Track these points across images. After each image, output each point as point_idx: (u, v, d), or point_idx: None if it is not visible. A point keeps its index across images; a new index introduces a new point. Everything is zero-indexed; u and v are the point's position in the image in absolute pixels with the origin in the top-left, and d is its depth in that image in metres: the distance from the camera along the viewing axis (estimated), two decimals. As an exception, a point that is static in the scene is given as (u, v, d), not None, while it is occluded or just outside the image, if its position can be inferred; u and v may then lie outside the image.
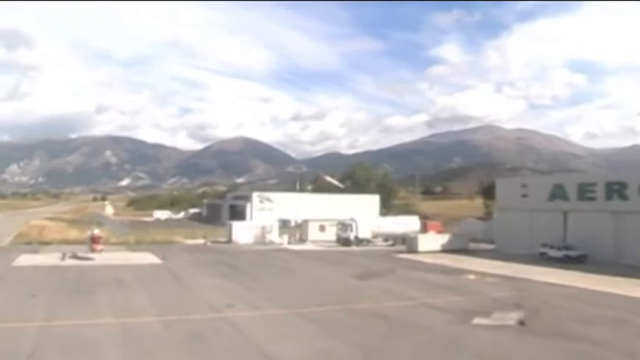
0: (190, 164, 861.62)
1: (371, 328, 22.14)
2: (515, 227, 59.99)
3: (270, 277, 38.20)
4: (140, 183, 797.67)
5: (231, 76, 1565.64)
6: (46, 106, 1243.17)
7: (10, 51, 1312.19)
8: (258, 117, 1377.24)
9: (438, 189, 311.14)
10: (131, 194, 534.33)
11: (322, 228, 73.93)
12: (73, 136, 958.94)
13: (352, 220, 70.20)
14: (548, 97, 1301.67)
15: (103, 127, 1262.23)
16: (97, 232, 48.42)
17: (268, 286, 33.83)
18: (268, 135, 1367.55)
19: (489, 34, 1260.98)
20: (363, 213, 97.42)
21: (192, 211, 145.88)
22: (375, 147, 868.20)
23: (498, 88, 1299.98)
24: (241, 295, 29.52)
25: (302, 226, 75.56)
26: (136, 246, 58.30)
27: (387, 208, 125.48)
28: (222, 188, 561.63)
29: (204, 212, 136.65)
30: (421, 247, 58.02)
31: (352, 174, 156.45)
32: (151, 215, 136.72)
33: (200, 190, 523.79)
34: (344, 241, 67.17)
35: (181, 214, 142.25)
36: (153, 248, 56.13)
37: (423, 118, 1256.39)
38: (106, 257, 45.64)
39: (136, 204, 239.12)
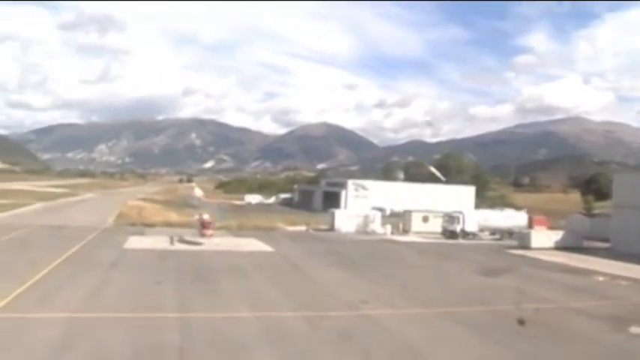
0: (273, 148, 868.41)
1: (527, 333, 20.45)
2: (636, 226, 56.53)
3: (391, 271, 36.65)
4: (224, 166, 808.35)
5: (316, 62, 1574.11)
6: (135, 88, 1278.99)
7: (102, 35, 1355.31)
8: (342, 103, 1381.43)
9: (526, 180, 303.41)
10: (216, 176, 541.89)
11: (425, 219, 71.89)
12: (160, 118, 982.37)
13: (459, 212, 68.08)
14: (638, 90, 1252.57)
15: (189, 109, 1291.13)
16: (206, 216, 48.06)
17: (393, 280, 32.29)
18: (351, 121, 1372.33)
19: (579, 23, 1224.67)
20: (458, 204, 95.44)
21: (283, 196, 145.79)
22: (458, 136, 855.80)
23: (587, 79, 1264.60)
24: (370, 290, 28.08)
25: (404, 216, 73.62)
26: (238, 231, 57.69)
27: (480, 200, 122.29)
28: (305, 173, 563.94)
29: (296, 198, 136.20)
30: (534, 244, 55.56)
31: (444, 164, 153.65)
32: (241, 199, 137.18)
33: (283, 175, 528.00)
34: (450, 234, 65.10)
35: (272, 199, 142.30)
36: (256, 234, 55.34)
37: (508, 108, 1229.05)
38: (214, 242, 45.01)
39: (224, 187, 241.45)
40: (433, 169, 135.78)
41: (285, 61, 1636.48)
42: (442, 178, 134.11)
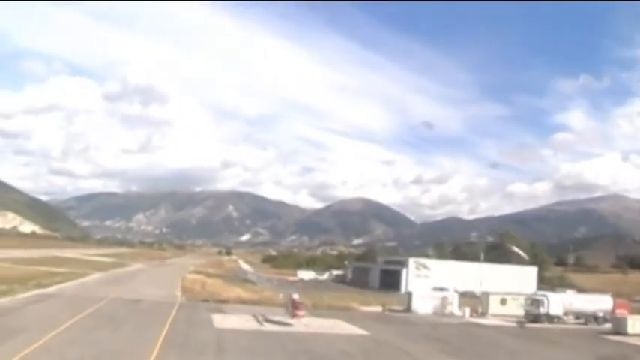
0: (310, 223, 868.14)
1: None
2: None
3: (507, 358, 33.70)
4: (260, 239, 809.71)
5: (354, 138, 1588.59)
6: (174, 159, 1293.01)
7: (145, 106, 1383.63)
8: (379, 179, 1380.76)
9: (570, 259, 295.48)
10: (252, 249, 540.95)
11: (503, 301, 68.59)
12: (198, 189, 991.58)
13: (543, 294, 64.65)
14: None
15: (227, 182, 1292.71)
16: (296, 296, 45.21)
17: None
18: (389, 197, 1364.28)
19: (617, 100, 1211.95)
20: (520, 285, 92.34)
21: (336, 272, 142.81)
22: (496, 213, 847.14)
23: (625, 157, 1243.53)
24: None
25: (482, 298, 70.37)
26: (315, 310, 54.68)
27: (539, 281, 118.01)
28: (342, 248, 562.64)
29: (350, 275, 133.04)
30: (630, 329, 52.16)
31: (499, 242, 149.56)
32: (292, 274, 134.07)
33: (320, 249, 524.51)
34: (534, 317, 61.58)
35: (326, 275, 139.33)
36: (335, 314, 52.54)
37: (546, 185, 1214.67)
38: (303, 323, 42.20)
39: (271, 261, 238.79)
40: (516, 249, 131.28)
41: (323, 136, 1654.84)
42: (525, 256, 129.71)
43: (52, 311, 38.18)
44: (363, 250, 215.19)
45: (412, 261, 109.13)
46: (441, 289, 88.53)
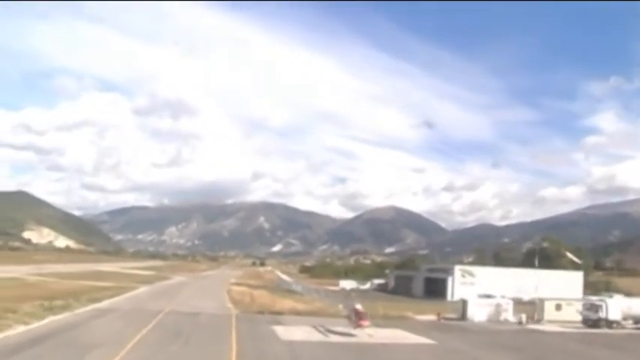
0: (342, 232, 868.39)
1: None
2: None
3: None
4: (292, 249, 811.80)
5: (383, 147, 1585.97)
6: (205, 172, 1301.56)
7: (174, 120, 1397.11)
8: (409, 187, 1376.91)
9: (607, 263, 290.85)
10: (285, 260, 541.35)
11: (558, 307, 67.58)
12: (229, 201, 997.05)
13: (602, 300, 63.31)
14: None
15: (258, 193, 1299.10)
16: (358, 306, 44.17)
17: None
18: (419, 205, 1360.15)
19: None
20: (566, 290, 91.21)
21: (377, 282, 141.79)
22: (528, 219, 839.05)
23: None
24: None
25: (537, 304, 69.22)
26: (372, 320, 53.52)
27: (584, 286, 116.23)
28: (374, 257, 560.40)
29: (391, 283, 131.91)
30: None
31: (541, 248, 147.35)
32: (333, 284, 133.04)
33: (352, 259, 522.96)
34: (593, 323, 60.24)
35: (368, 285, 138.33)
36: (393, 324, 51.30)
37: (578, 189, 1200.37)
38: (367, 334, 40.89)
39: (309, 271, 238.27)
40: (570, 255, 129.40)
41: (352, 145, 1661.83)
42: (579, 261, 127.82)
43: (116, 326, 37.50)
44: (401, 259, 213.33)
45: (458, 269, 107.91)
46: (488, 296, 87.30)
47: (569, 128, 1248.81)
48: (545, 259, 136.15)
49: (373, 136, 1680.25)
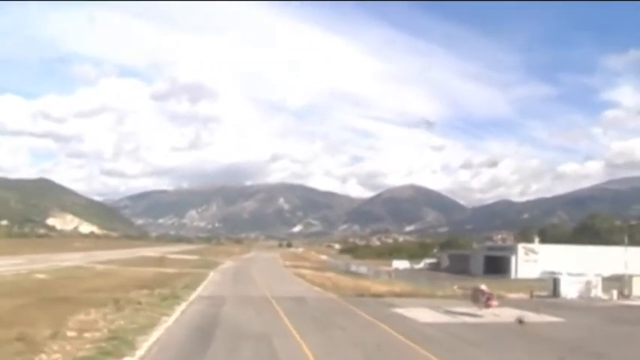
0: (361, 212, 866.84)
1: None
2: None
3: None
4: (312, 230, 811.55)
5: (401, 125, 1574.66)
6: (224, 154, 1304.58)
7: (192, 104, 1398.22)
8: (428, 165, 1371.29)
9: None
10: (304, 241, 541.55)
11: (647, 282, 66.84)
12: (248, 183, 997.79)
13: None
14: None
15: (277, 174, 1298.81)
16: (483, 287, 43.87)
17: None
18: (438, 183, 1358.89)
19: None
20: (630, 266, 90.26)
21: (428, 261, 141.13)
22: (548, 194, 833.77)
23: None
24: None
25: (624, 280, 68.32)
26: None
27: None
28: (396, 236, 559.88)
29: (445, 263, 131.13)
30: None
31: (589, 224, 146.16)
32: (383, 265, 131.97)
33: (375, 237, 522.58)
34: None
35: (421, 264, 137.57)
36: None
37: (598, 164, 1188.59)
38: (493, 313, 40.89)
39: (351, 252, 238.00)
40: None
41: (370, 124, 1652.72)
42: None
43: (252, 314, 37.26)
44: (446, 238, 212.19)
45: (521, 246, 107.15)
46: (552, 273, 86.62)
47: (588, 103, 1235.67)
48: (595, 235, 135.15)
49: (391, 115, 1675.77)
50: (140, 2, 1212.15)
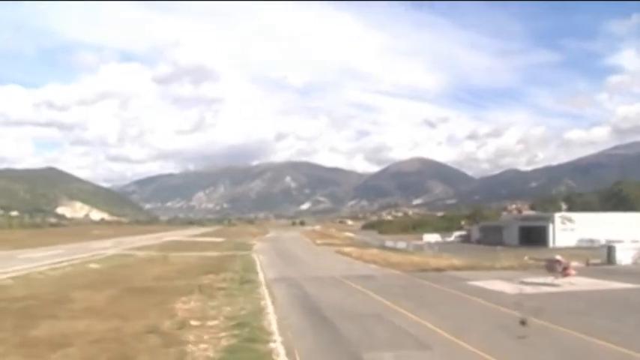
0: (369, 187, 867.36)
1: None
2: None
3: None
4: (320, 207, 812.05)
5: (406, 98, 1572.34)
6: (229, 135, 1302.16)
7: (195, 86, 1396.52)
8: (434, 137, 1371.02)
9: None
10: (313, 218, 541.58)
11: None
12: (255, 163, 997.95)
13: None
14: None
15: (282, 153, 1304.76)
16: (558, 257, 44.14)
17: None
18: (444, 155, 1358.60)
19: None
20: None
21: (457, 233, 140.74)
22: (554, 162, 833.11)
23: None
24: None
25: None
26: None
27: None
28: (405, 209, 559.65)
29: (476, 235, 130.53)
30: None
31: (616, 191, 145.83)
32: (413, 239, 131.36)
33: (385, 212, 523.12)
34: None
35: (452, 237, 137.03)
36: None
37: (604, 130, 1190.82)
38: (569, 282, 41.40)
39: (373, 228, 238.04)
40: None
41: (374, 99, 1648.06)
42: None
43: (358, 296, 36.98)
44: (471, 211, 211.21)
45: (558, 215, 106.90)
46: (591, 241, 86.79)
47: (592, 69, 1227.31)
48: (623, 201, 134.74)
49: (395, 88, 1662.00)
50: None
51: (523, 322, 22.56)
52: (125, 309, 28.93)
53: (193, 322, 25.04)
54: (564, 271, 42.10)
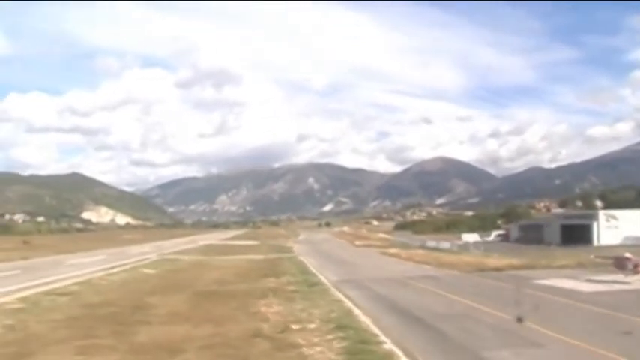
0: (391, 187, 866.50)
1: None
2: None
3: None
4: (343, 208, 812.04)
5: (426, 98, 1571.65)
6: (251, 138, 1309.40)
7: (217, 89, 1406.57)
8: (455, 136, 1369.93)
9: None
10: (336, 219, 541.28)
11: None
12: (277, 165, 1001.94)
13: None
14: None
15: (304, 155, 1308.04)
16: (628, 254, 43.93)
17: None
18: (467, 154, 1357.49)
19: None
20: None
21: (496, 233, 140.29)
22: (578, 159, 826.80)
23: None
24: None
25: None
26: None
27: None
28: (429, 209, 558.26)
29: (514, 234, 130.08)
30: None
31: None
32: (450, 239, 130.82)
33: (409, 212, 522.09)
34: None
35: (492, 237, 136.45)
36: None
37: (628, 125, 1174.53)
38: (637, 279, 40.97)
39: (406, 228, 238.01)
40: None
41: (395, 99, 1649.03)
42: None
43: (434, 297, 36.74)
44: (505, 210, 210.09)
45: (602, 213, 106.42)
46: (636, 238, 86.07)
47: (614, 64, 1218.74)
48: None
49: (415, 88, 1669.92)
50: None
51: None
52: (210, 313, 28.78)
53: (294, 326, 24.83)
54: (635, 268, 42.08)
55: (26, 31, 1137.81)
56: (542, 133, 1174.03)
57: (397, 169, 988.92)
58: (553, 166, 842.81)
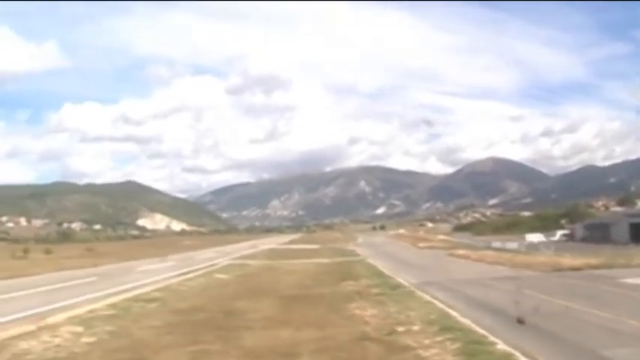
0: (443, 188, 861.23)
1: None
2: None
3: None
4: (396, 210, 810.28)
5: (477, 98, 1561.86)
6: (302, 142, 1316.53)
7: (267, 95, 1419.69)
8: (507, 136, 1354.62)
9: None
10: (389, 221, 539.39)
11: None
12: (328, 169, 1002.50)
13: None
14: None
15: (355, 158, 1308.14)
16: None
17: None
18: (519, 153, 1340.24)
19: None
20: None
21: (560, 232, 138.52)
22: (633, 156, 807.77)
23: None
24: None
25: None
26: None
27: None
28: (482, 210, 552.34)
29: (579, 233, 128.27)
30: None
31: None
32: (514, 240, 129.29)
33: (462, 213, 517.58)
34: None
35: (557, 236, 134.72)
36: None
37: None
38: None
39: (465, 229, 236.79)
40: None
41: (445, 100, 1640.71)
42: None
43: (534, 300, 36.12)
44: (566, 209, 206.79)
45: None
46: None
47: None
48: None
49: (465, 88, 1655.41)
50: (206, 2, 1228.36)
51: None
52: (306, 317, 28.63)
53: (399, 328, 24.67)
54: None
55: (79, 43, 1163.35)
56: (595, 131, 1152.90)
57: (449, 170, 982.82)
58: (607, 163, 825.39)
